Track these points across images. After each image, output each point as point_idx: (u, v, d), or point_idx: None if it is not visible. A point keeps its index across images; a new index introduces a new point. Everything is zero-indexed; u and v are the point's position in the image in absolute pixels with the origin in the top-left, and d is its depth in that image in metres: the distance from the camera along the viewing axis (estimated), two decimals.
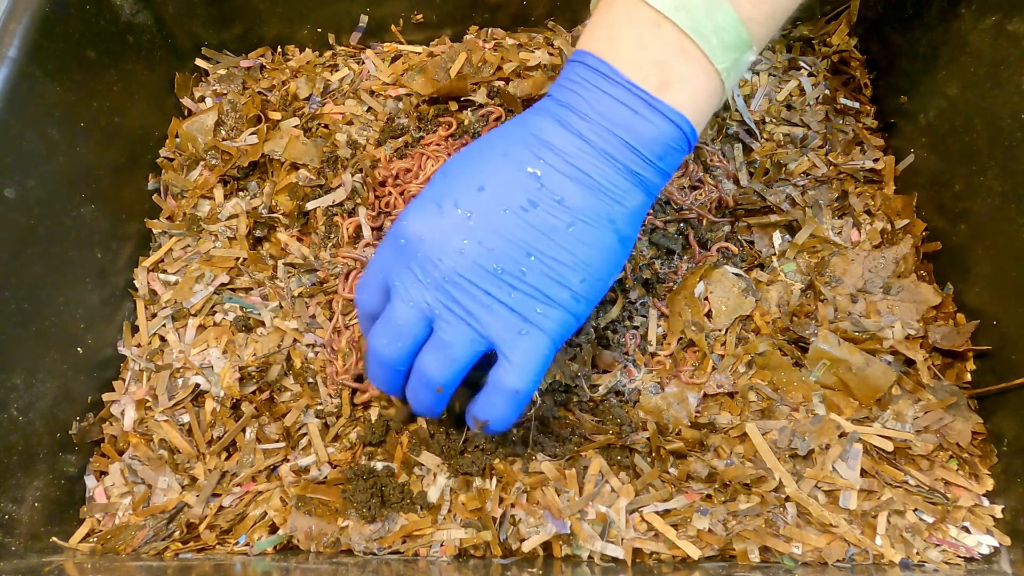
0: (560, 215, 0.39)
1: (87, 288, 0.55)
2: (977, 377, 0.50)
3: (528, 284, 0.39)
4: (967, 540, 0.45)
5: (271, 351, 0.54)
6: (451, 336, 0.40)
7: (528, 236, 0.39)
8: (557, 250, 0.39)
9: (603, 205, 0.39)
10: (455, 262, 0.39)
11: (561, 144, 0.39)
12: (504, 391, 0.40)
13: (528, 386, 0.40)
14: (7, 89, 0.48)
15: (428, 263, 0.39)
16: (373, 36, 0.68)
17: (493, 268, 0.39)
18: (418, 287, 0.40)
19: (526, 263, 0.39)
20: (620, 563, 0.45)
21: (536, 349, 0.39)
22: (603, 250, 0.40)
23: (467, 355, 0.40)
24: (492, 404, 0.41)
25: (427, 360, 0.41)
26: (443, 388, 0.41)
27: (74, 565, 0.46)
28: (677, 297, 0.53)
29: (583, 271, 0.39)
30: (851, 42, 0.64)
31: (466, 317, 0.39)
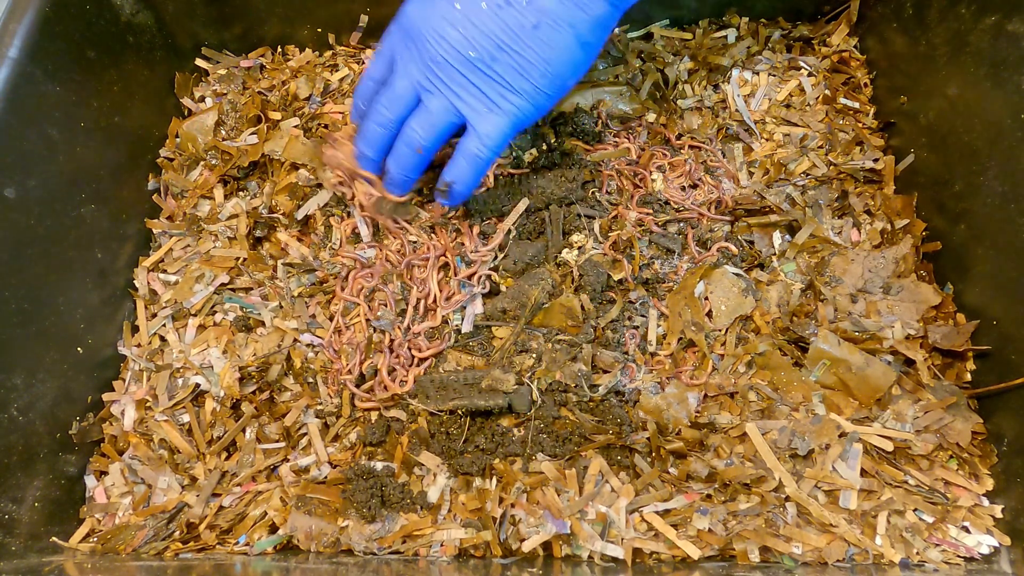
0: (527, 15, 0.45)
1: (87, 288, 0.55)
2: (977, 377, 0.50)
3: (496, 72, 0.47)
4: (967, 540, 0.45)
5: (271, 351, 0.54)
6: (433, 105, 0.48)
7: (500, 30, 0.46)
8: (522, 46, 0.46)
9: (566, 10, 0.45)
10: (440, 45, 0.46)
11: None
12: (468, 155, 0.49)
13: (488, 153, 0.48)
14: (7, 89, 0.49)
15: (421, 44, 0.47)
16: (373, 36, 0.68)
17: (469, 54, 0.46)
18: (413, 64, 0.48)
19: (497, 53, 0.46)
20: (620, 563, 0.45)
21: (498, 124, 0.48)
22: (563, 51, 0.46)
23: (444, 123, 0.48)
24: (458, 166, 0.49)
25: (413, 124, 0.49)
26: (423, 149, 0.49)
27: (74, 565, 0.46)
28: (677, 297, 0.53)
29: (543, 67, 0.47)
30: (851, 42, 0.64)
31: (445, 92, 0.48)
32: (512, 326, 0.52)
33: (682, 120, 0.62)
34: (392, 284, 0.55)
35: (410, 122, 0.49)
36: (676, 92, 0.63)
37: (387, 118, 0.50)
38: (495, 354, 0.51)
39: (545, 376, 0.50)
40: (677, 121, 0.62)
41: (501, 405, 0.49)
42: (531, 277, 0.53)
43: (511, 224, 0.55)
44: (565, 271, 0.53)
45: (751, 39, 0.65)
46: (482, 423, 0.50)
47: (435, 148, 0.50)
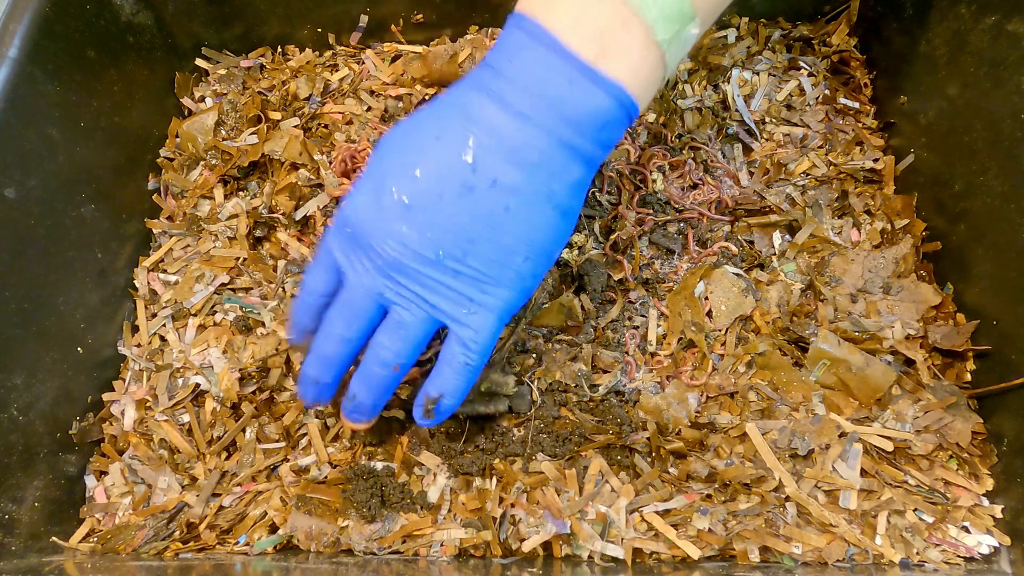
0: (496, 198, 0.38)
1: (87, 288, 0.55)
2: (977, 377, 0.50)
3: (470, 267, 0.39)
4: (967, 540, 0.45)
5: (270, 353, 0.54)
6: (403, 316, 0.41)
7: (466, 221, 0.38)
8: (496, 233, 0.39)
9: (540, 183, 0.38)
10: (396, 250, 0.39)
11: (494, 122, 0.38)
12: (455, 364, 0.41)
13: (477, 360, 0.41)
14: (7, 89, 0.49)
15: (371, 251, 0.40)
16: (373, 36, 0.68)
17: (435, 254, 0.39)
18: (367, 275, 0.40)
19: (467, 247, 0.39)
20: (620, 563, 0.45)
21: (483, 326, 0.41)
22: (543, 228, 0.40)
23: (421, 333, 0.41)
24: (444, 378, 0.42)
25: (383, 339, 0.41)
26: (399, 367, 0.42)
27: (74, 565, 0.46)
28: (677, 297, 0.53)
29: (525, 250, 0.40)
30: (851, 42, 0.64)
31: (415, 300, 0.40)
32: (512, 326, 0.52)
33: (682, 120, 0.62)
34: None
35: (379, 338, 0.42)
36: (676, 92, 0.63)
37: (346, 337, 0.42)
38: (495, 354, 0.51)
39: (545, 376, 0.50)
40: (677, 121, 0.62)
41: (502, 411, 0.49)
42: None
43: None
44: (565, 271, 0.53)
45: (751, 39, 0.65)
46: (482, 423, 0.50)
47: (413, 363, 0.43)
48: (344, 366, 0.44)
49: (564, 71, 0.37)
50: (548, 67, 0.37)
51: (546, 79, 0.37)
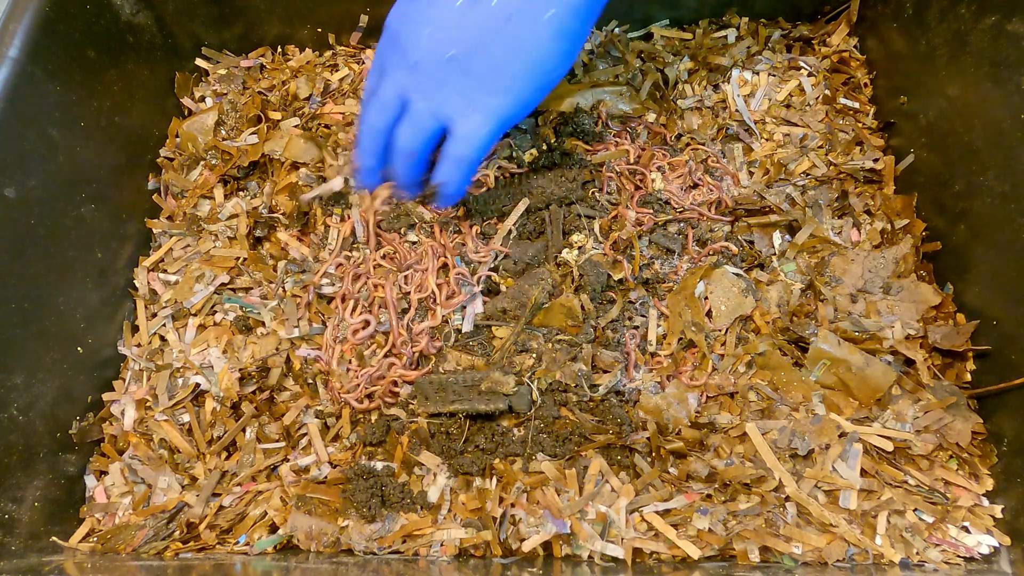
0: (499, 9, 0.43)
1: (87, 288, 0.55)
2: (977, 377, 0.50)
3: (474, 71, 0.45)
4: (967, 540, 0.45)
5: (269, 353, 0.54)
6: (417, 110, 0.47)
7: (474, 28, 0.44)
8: (497, 42, 0.44)
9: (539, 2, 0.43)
10: (418, 49, 0.46)
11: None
12: (452, 157, 0.47)
13: (473, 153, 0.47)
14: (7, 89, 0.49)
15: (401, 50, 0.46)
16: (373, 36, 0.68)
17: (449, 55, 0.45)
18: (396, 71, 0.47)
19: (473, 52, 0.44)
20: (620, 563, 0.45)
21: (479, 125, 0.46)
22: (541, 44, 0.44)
23: (430, 127, 0.47)
24: (444, 169, 0.48)
25: (401, 131, 0.48)
26: (415, 154, 0.49)
27: (74, 565, 0.46)
28: (677, 297, 0.53)
29: (522, 61, 0.45)
30: (851, 42, 0.64)
31: (427, 95, 0.46)
32: (512, 326, 0.52)
33: (682, 120, 0.62)
34: (392, 285, 0.55)
35: (398, 129, 0.49)
36: (676, 92, 0.63)
37: (376, 127, 0.49)
38: (495, 354, 0.51)
39: (545, 376, 0.50)
40: (677, 121, 0.62)
41: (501, 409, 0.49)
42: (531, 277, 0.53)
43: (511, 224, 0.55)
44: (565, 271, 0.53)
45: (751, 39, 0.65)
46: (482, 423, 0.50)
47: (428, 151, 0.49)
48: (378, 151, 0.51)
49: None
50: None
51: None
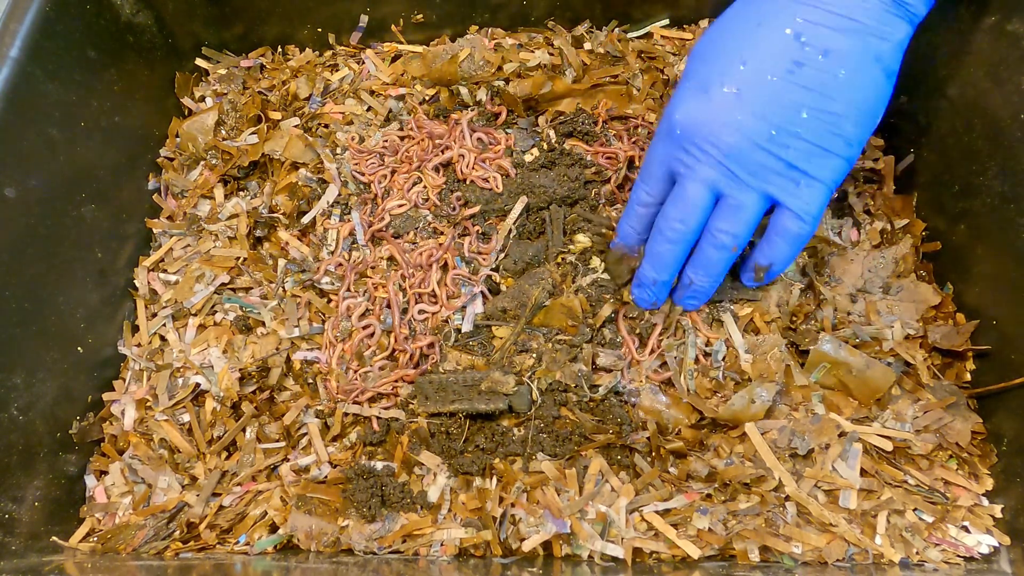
0: (828, 68, 0.41)
1: (87, 288, 0.55)
2: (977, 377, 0.50)
3: (804, 140, 0.42)
4: (967, 539, 0.45)
5: (269, 353, 0.54)
6: (740, 200, 0.43)
7: (798, 96, 0.41)
8: (828, 102, 0.41)
9: (869, 45, 0.41)
10: (732, 137, 0.42)
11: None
12: (789, 235, 0.44)
13: (809, 229, 0.44)
14: (7, 89, 0.49)
15: (707, 143, 0.43)
16: (373, 36, 0.68)
17: (769, 134, 0.42)
18: (703, 167, 0.43)
19: (800, 121, 0.41)
20: (620, 562, 0.45)
21: (816, 196, 0.43)
22: (872, 90, 0.42)
23: (755, 213, 0.44)
24: (776, 248, 0.45)
25: (720, 224, 0.45)
26: (736, 247, 0.45)
27: (74, 564, 0.46)
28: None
29: (855, 115, 0.42)
30: None
31: (751, 182, 0.43)
32: (512, 326, 0.52)
33: None
34: (393, 285, 0.55)
35: (715, 224, 0.45)
36: None
37: (681, 232, 0.45)
38: (495, 354, 0.51)
39: (545, 376, 0.50)
40: None
41: (501, 409, 0.49)
42: (531, 277, 0.53)
43: (511, 224, 0.55)
44: (565, 270, 0.53)
45: None
46: (482, 423, 0.50)
47: (747, 241, 0.46)
48: (680, 262, 0.47)
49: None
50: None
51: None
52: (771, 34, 0.42)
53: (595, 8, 0.66)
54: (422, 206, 0.58)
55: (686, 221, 0.45)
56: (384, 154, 0.61)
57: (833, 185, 0.44)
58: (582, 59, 0.64)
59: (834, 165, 0.43)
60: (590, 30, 0.66)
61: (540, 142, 0.58)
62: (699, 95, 0.43)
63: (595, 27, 0.67)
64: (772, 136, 0.42)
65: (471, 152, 0.58)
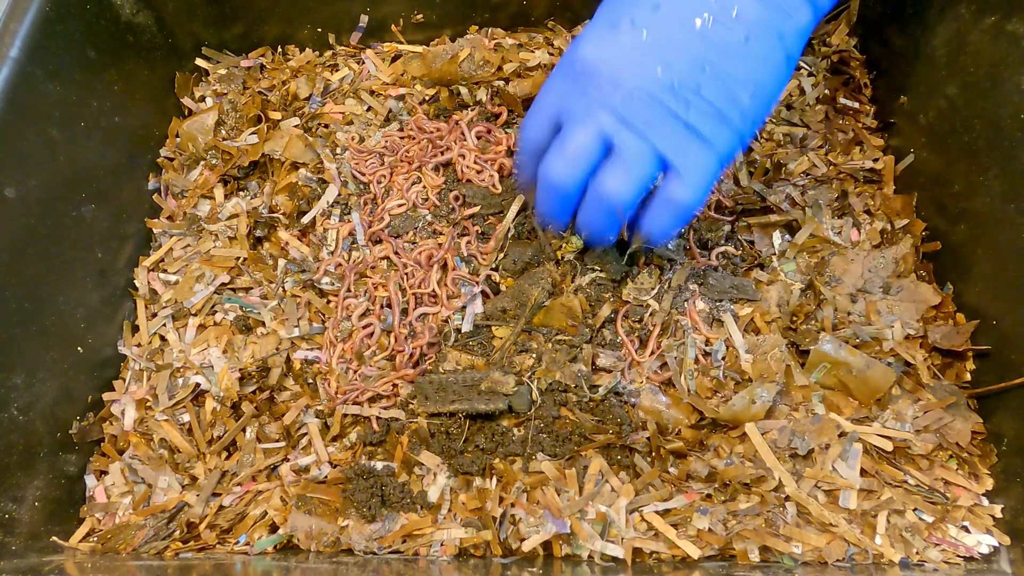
0: (735, 29, 0.39)
1: (87, 288, 0.55)
2: (977, 377, 0.50)
3: (703, 99, 0.39)
4: (967, 539, 0.45)
5: (269, 353, 0.54)
6: (631, 153, 0.40)
7: (704, 50, 0.39)
8: (730, 64, 0.39)
9: (775, 18, 0.40)
10: (636, 79, 0.39)
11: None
12: (673, 203, 0.41)
13: (696, 200, 0.41)
14: (7, 89, 0.49)
15: (608, 83, 0.40)
16: (373, 36, 0.68)
17: (671, 83, 0.39)
18: (596, 110, 0.40)
19: (702, 77, 0.39)
20: (620, 562, 0.45)
21: (707, 165, 0.40)
22: (772, 65, 0.40)
23: (646, 172, 0.40)
24: (659, 216, 0.42)
25: (608, 179, 0.41)
26: (623, 207, 0.41)
27: (74, 564, 0.46)
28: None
29: (753, 86, 0.40)
30: (851, 42, 0.64)
31: (645, 133, 0.40)
32: (512, 326, 0.52)
33: None
34: (393, 285, 0.55)
35: (603, 177, 0.41)
36: None
37: (567, 181, 0.42)
38: (495, 354, 0.51)
39: (545, 376, 0.50)
40: None
41: (501, 409, 0.49)
42: (531, 277, 0.53)
43: (509, 224, 0.55)
44: (565, 270, 0.53)
45: None
46: (482, 423, 0.50)
47: (637, 202, 0.42)
48: (569, 211, 0.44)
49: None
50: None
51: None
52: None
53: (595, 8, 0.66)
54: (421, 206, 0.58)
55: (571, 172, 0.41)
56: (384, 154, 0.61)
57: (724, 158, 0.41)
58: None
59: (727, 136, 0.40)
60: None
61: None
62: (607, 32, 0.41)
63: None
64: (674, 87, 0.39)
65: (472, 152, 0.58)
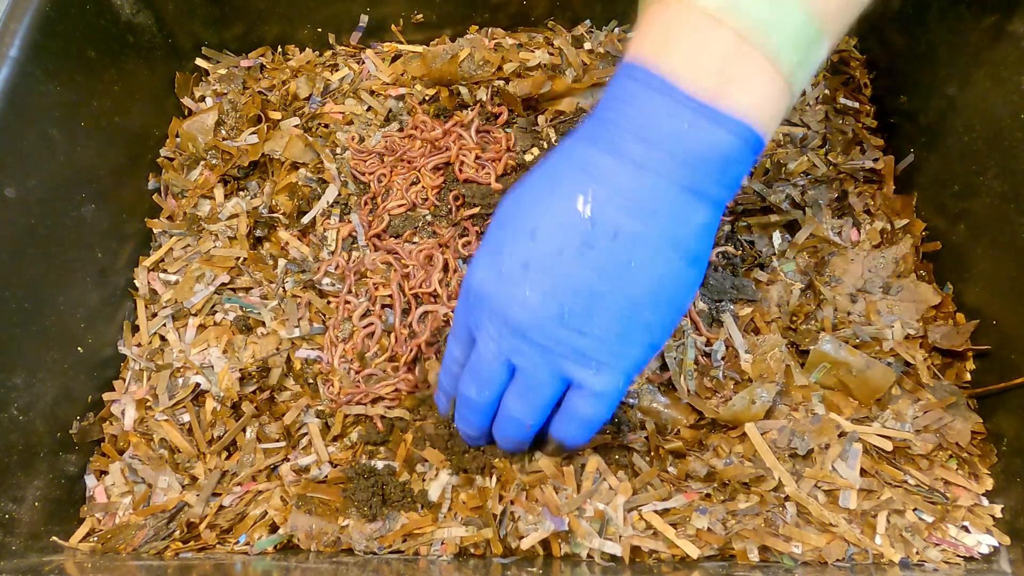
0: (619, 251, 0.36)
1: (87, 288, 0.55)
2: (977, 377, 0.50)
3: (596, 326, 0.37)
4: (966, 539, 0.45)
5: (270, 353, 0.54)
6: (530, 381, 0.40)
7: (588, 278, 0.37)
8: (621, 287, 0.37)
9: (664, 231, 0.36)
10: (520, 314, 0.38)
11: (609, 173, 0.36)
12: (578, 419, 0.40)
13: (602, 415, 0.40)
14: (7, 89, 0.49)
15: (496, 317, 0.39)
16: (373, 36, 0.68)
17: (559, 315, 0.37)
18: (494, 338, 0.39)
19: (591, 305, 0.37)
20: (619, 561, 0.45)
21: (608, 383, 0.39)
22: (670, 278, 0.37)
23: (549, 395, 0.40)
24: (567, 429, 0.41)
25: (513, 404, 0.41)
26: (531, 427, 0.41)
27: (74, 564, 0.46)
28: None
29: (652, 303, 0.37)
30: (851, 42, 0.64)
31: (543, 359, 0.39)
32: None
33: None
34: (394, 284, 0.55)
35: (508, 402, 0.41)
36: None
37: (478, 402, 0.42)
38: None
39: None
40: None
41: None
42: None
43: None
44: None
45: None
46: None
47: (544, 419, 0.42)
48: (487, 421, 0.44)
49: (680, 114, 0.35)
50: (662, 112, 0.35)
51: (660, 125, 0.35)
52: (562, 208, 0.37)
53: (595, 8, 0.66)
54: (421, 206, 0.58)
55: (481, 393, 0.41)
56: (384, 154, 0.61)
57: (633, 370, 0.39)
58: (582, 59, 0.64)
59: (630, 354, 0.38)
60: (590, 30, 0.67)
61: (540, 142, 0.58)
62: (490, 263, 0.39)
63: (595, 27, 0.67)
64: (563, 318, 0.37)
65: (473, 151, 0.58)
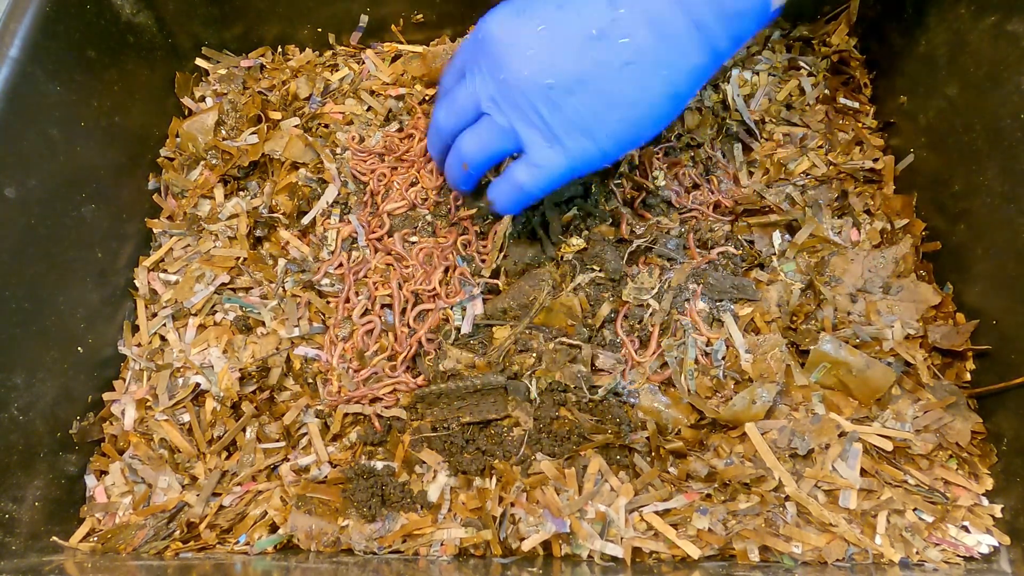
0: (620, 53, 0.40)
1: (87, 288, 0.55)
2: (977, 377, 0.50)
3: (570, 107, 0.42)
4: (966, 539, 0.45)
5: (270, 353, 0.54)
6: (491, 124, 0.44)
7: (586, 63, 0.41)
8: (606, 83, 0.41)
9: (666, 51, 0.41)
10: (518, 68, 0.42)
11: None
12: (512, 182, 0.45)
13: (533, 188, 0.44)
14: (7, 89, 0.49)
15: (495, 62, 0.43)
16: (373, 36, 0.68)
17: (547, 82, 0.41)
18: (481, 81, 0.44)
19: (576, 88, 0.41)
20: (620, 562, 0.45)
21: (553, 161, 0.43)
22: (651, 98, 0.42)
23: (497, 146, 0.45)
24: (499, 189, 0.46)
25: (464, 137, 0.46)
26: (468, 166, 0.46)
27: (74, 564, 0.46)
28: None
29: (624, 111, 0.42)
30: (851, 42, 0.64)
31: (509, 114, 0.43)
32: (512, 326, 0.52)
33: (682, 120, 0.62)
34: (394, 283, 0.55)
35: (461, 135, 0.46)
36: None
37: (443, 126, 0.47)
38: (492, 352, 0.51)
39: (545, 376, 0.50)
40: (677, 121, 0.62)
41: (506, 413, 0.49)
42: (531, 277, 0.53)
43: (508, 224, 0.55)
44: (564, 270, 0.53)
45: (751, 39, 0.65)
46: (483, 424, 0.50)
47: (483, 168, 0.47)
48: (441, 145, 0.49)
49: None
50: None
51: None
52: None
53: None
54: (421, 206, 0.58)
55: (448, 118, 0.46)
56: (384, 154, 0.61)
57: (577, 164, 0.43)
58: None
59: (585, 147, 0.43)
60: None
61: None
62: (512, 15, 0.43)
63: None
64: (548, 87, 0.42)
65: None
